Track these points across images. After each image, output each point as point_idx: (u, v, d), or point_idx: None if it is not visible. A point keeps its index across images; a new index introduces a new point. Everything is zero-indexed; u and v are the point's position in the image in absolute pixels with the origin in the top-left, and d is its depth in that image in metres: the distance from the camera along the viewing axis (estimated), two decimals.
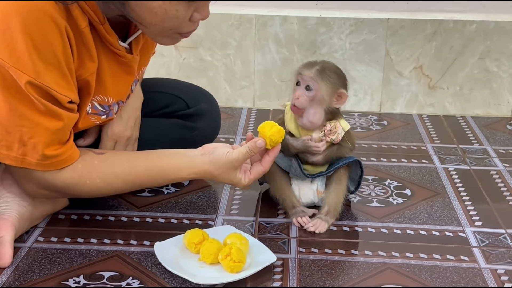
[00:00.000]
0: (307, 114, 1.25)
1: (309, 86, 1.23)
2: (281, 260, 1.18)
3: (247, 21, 1.94)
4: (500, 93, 1.97)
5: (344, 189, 1.32)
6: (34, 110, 1.07)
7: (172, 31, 1.11)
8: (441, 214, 1.36)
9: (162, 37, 1.13)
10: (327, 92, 1.24)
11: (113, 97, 1.22)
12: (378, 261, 1.19)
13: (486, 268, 1.17)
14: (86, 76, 1.13)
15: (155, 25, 1.09)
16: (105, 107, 1.22)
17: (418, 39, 1.93)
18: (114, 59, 1.17)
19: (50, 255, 1.17)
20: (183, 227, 1.27)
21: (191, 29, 1.13)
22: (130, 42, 1.20)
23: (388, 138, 1.80)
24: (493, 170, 1.59)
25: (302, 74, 1.24)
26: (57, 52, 1.05)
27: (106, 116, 1.23)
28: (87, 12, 1.08)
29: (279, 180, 1.33)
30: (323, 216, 1.28)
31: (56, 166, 1.14)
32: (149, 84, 1.47)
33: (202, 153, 1.23)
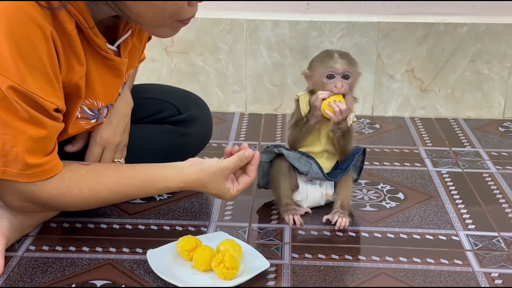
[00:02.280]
0: (346, 102, 1.27)
1: (347, 75, 1.27)
2: (274, 266, 1.17)
3: (238, 26, 1.94)
4: (492, 95, 1.97)
5: (351, 182, 1.37)
6: (17, 118, 1.04)
7: (172, 19, 1.09)
8: (434, 218, 1.36)
9: (162, 28, 1.11)
10: (358, 74, 1.30)
11: (102, 101, 1.20)
12: (372, 266, 1.18)
13: (480, 271, 1.17)
14: (76, 80, 1.12)
15: (155, 16, 1.07)
16: (94, 111, 1.20)
17: (409, 42, 1.93)
18: (102, 62, 1.16)
19: (42, 264, 1.16)
20: (176, 234, 1.26)
21: (191, 14, 1.11)
22: (119, 44, 1.19)
23: (380, 142, 1.80)
24: (485, 173, 1.59)
25: (335, 67, 1.26)
26: (43, 57, 1.03)
27: (95, 120, 1.22)
28: (74, 15, 1.06)
29: (283, 178, 1.34)
30: (340, 210, 1.32)
31: (39, 177, 1.11)
32: (140, 90, 1.46)
33: (190, 164, 1.23)
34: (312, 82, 1.30)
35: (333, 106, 1.24)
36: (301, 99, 1.32)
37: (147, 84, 1.55)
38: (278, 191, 1.35)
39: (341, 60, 1.27)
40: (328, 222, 1.32)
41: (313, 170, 1.31)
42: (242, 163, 1.23)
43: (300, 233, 1.30)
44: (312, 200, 1.37)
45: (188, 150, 1.48)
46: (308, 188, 1.36)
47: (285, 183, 1.35)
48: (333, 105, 1.24)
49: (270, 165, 1.37)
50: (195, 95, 1.54)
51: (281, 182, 1.35)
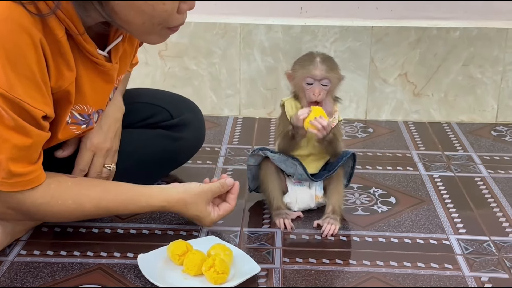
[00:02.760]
0: (325, 107, 1.29)
1: (325, 81, 1.28)
2: (265, 270, 1.17)
3: (232, 30, 1.95)
4: (485, 99, 1.98)
5: (342, 186, 1.37)
6: (2, 125, 1.04)
7: (161, 26, 1.10)
8: (425, 222, 1.36)
9: (151, 35, 1.12)
10: (338, 79, 1.31)
11: (92, 106, 1.21)
12: (363, 270, 1.19)
13: (470, 276, 1.17)
14: (66, 86, 1.12)
15: (144, 24, 1.08)
16: (85, 116, 1.20)
17: (402, 46, 1.93)
18: (92, 67, 1.16)
19: (33, 268, 1.16)
20: (167, 239, 1.26)
21: (180, 21, 1.12)
22: (110, 50, 1.19)
23: (373, 146, 1.80)
24: (477, 177, 1.60)
25: (314, 73, 1.27)
26: (32, 65, 1.04)
27: (86, 125, 1.22)
28: (64, 21, 1.06)
29: (271, 181, 1.35)
30: (331, 215, 1.32)
31: (22, 186, 1.10)
32: (132, 94, 1.46)
33: (174, 186, 1.27)
34: (293, 83, 1.32)
35: (315, 124, 1.25)
36: (286, 104, 1.33)
37: (139, 88, 1.55)
38: (268, 194, 1.36)
39: (321, 66, 1.27)
40: (319, 227, 1.32)
41: (297, 172, 1.32)
42: (223, 189, 1.28)
43: (292, 237, 1.30)
44: (302, 202, 1.37)
45: (180, 155, 1.48)
46: (297, 190, 1.37)
47: (275, 185, 1.35)
48: (315, 123, 1.25)
49: (258, 168, 1.37)
50: (187, 99, 1.54)
51: (270, 185, 1.35)
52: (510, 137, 1.88)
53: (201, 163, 1.65)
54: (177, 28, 1.13)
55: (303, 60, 1.31)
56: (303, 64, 1.29)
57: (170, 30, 1.12)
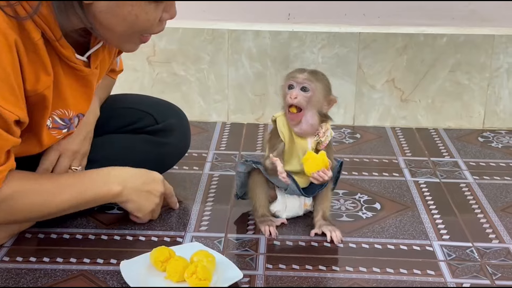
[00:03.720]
0: (306, 118, 1.27)
1: (305, 87, 1.26)
2: (248, 276, 1.17)
3: (220, 36, 1.95)
4: (472, 105, 1.99)
5: (331, 193, 1.37)
6: None
7: (139, 34, 1.11)
8: (409, 228, 1.37)
9: (129, 43, 1.13)
10: (322, 93, 1.27)
11: (73, 110, 1.20)
12: (345, 276, 1.19)
13: (452, 282, 1.17)
14: (42, 90, 1.11)
15: (125, 32, 1.09)
16: (65, 121, 1.20)
17: (389, 52, 1.94)
18: (71, 72, 1.16)
19: (15, 275, 1.16)
20: (151, 245, 1.26)
21: (160, 29, 1.13)
22: (89, 55, 1.18)
23: (360, 152, 1.81)
24: (462, 183, 1.60)
25: (296, 77, 1.26)
26: (5, 66, 1.03)
27: (67, 129, 1.22)
28: (40, 26, 1.06)
29: (260, 189, 1.35)
30: (323, 221, 1.33)
31: None
32: (117, 100, 1.46)
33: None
34: (282, 95, 1.31)
35: (317, 178, 1.25)
36: (278, 121, 1.31)
37: (124, 94, 1.55)
38: (255, 202, 1.36)
39: (306, 73, 1.27)
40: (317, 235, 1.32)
41: (290, 188, 1.32)
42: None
43: (276, 244, 1.30)
44: (291, 210, 1.37)
45: (166, 160, 1.48)
46: (286, 199, 1.37)
47: (262, 194, 1.35)
48: (316, 176, 1.25)
49: (247, 175, 1.37)
50: (172, 104, 1.54)
51: (258, 193, 1.35)
52: (497, 143, 1.88)
53: (188, 168, 1.65)
54: (149, 37, 1.14)
55: (294, 70, 1.30)
56: (291, 73, 1.29)
57: (144, 38, 1.13)
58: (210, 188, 1.55)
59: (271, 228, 1.33)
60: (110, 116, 1.41)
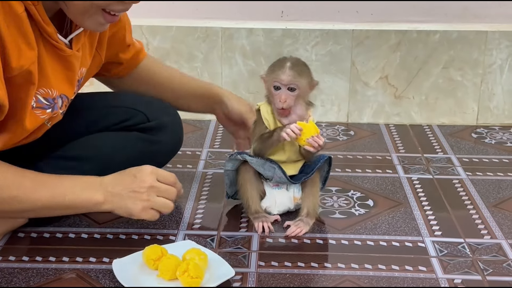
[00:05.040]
0: (294, 110, 1.28)
1: (292, 87, 1.27)
2: (240, 274, 1.18)
3: (213, 34, 1.95)
4: (465, 102, 1.99)
5: (318, 189, 1.37)
6: None
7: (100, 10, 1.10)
8: (401, 225, 1.37)
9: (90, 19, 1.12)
10: (307, 85, 1.29)
11: (56, 90, 1.20)
12: (337, 273, 1.19)
13: (443, 278, 1.18)
14: (28, 66, 1.10)
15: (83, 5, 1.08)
16: (49, 100, 1.19)
17: (383, 49, 1.95)
18: (53, 51, 1.15)
19: (7, 274, 1.16)
20: (144, 243, 1.26)
21: (121, 8, 1.12)
22: (71, 39, 1.19)
23: (354, 149, 1.81)
24: (455, 179, 1.61)
25: (280, 79, 1.26)
26: None
27: (51, 109, 1.21)
28: None
29: (250, 185, 1.35)
30: (304, 218, 1.33)
31: None
32: (109, 98, 1.47)
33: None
34: (266, 87, 1.32)
35: (313, 143, 1.26)
36: (262, 108, 1.33)
37: (117, 92, 1.55)
38: (247, 198, 1.36)
39: (289, 72, 1.26)
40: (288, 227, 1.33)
41: (276, 175, 1.33)
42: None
43: (268, 241, 1.30)
44: (281, 204, 1.37)
45: (158, 158, 1.48)
46: (275, 194, 1.37)
47: (253, 190, 1.35)
48: (312, 142, 1.26)
49: (236, 173, 1.37)
50: (165, 102, 1.54)
51: (249, 189, 1.35)
52: (490, 139, 1.89)
53: (182, 167, 1.65)
54: (115, 18, 1.13)
55: (275, 64, 1.30)
56: (273, 69, 1.29)
57: (109, 17, 1.12)
58: (203, 186, 1.55)
59: (265, 224, 1.33)
60: (102, 114, 1.41)
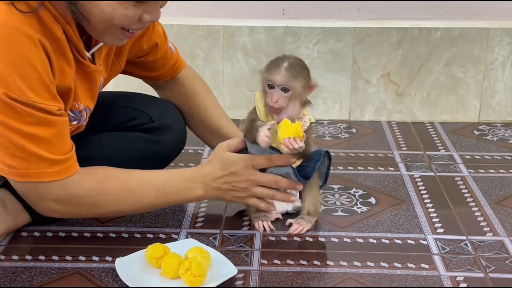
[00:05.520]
0: (286, 110, 1.25)
1: (286, 88, 1.23)
2: (243, 272, 1.18)
3: (214, 32, 1.95)
4: (467, 99, 1.99)
5: (317, 187, 1.34)
6: (23, 122, 1.08)
7: (119, 28, 1.13)
8: (404, 222, 1.37)
9: (107, 36, 1.15)
10: (302, 87, 1.24)
11: (82, 103, 1.24)
12: (339, 271, 1.19)
13: (446, 275, 1.18)
14: (69, 83, 1.15)
15: (103, 24, 1.11)
16: (76, 113, 1.23)
17: (384, 47, 1.94)
18: (78, 67, 1.19)
19: (10, 273, 1.17)
20: (146, 242, 1.27)
21: (139, 27, 1.15)
22: (93, 53, 1.22)
23: (356, 146, 1.81)
24: (457, 176, 1.61)
25: (274, 79, 1.22)
26: (36, 66, 1.07)
27: (77, 122, 1.25)
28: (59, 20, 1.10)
29: None
30: (305, 216, 1.33)
31: (64, 174, 1.14)
32: (113, 98, 1.47)
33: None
34: (261, 83, 1.27)
35: (287, 144, 1.20)
36: (256, 99, 1.29)
37: (121, 92, 1.56)
38: None
39: (284, 73, 1.21)
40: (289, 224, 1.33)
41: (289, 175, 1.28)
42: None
43: (271, 239, 1.31)
44: (279, 205, 1.34)
45: (160, 158, 1.48)
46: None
47: None
48: (286, 142, 1.20)
49: None
50: (169, 103, 1.54)
51: None
52: (492, 136, 1.89)
53: (184, 165, 1.65)
54: (134, 34, 1.16)
55: (272, 62, 1.25)
56: (269, 67, 1.24)
57: (128, 34, 1.15)
58: None
59: (265, 223, 1.33)
60: (107, 114, 1.41)
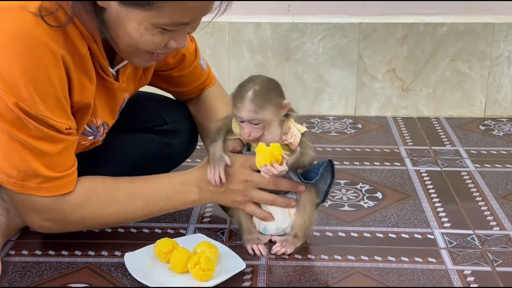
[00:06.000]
0: (264, 138, 1.17)
1: (255, 121, 1.14)
2: (251, 267, 1.19)
3: (220, 29, 1.96)
4: (473, 94, 1.99)
5: (313, 211, 1.24)
6: (30, 136, 1.07)
7: (144, 52, 1.12)
8: (410, 217, 1.38)
9: (136, 58, 1.15)
10: (273, 113, 1.15)
11: (100, 119, 1.22)
12: (347, 265, 1.20)
13: (453, 269, 1.18)
14: (88, 99, 1.14)
15: (129, 46, 1.10)
16: (93, 128, 1.22)
17: (390, 42, 1.95)
18: (101, 83, 1.17)
19: (21, 268, 1.18)
20: (155, 237, 1.27)
21: (165, 52, 1.14)
22: (118, 70, 1.21)
23: (362, 142, 1.81)
24: (464, 171, 1.61)
25: (241, 116, 1.14)
26: (54, 82, 1.06)
27: (93, 137, 1.23)
28: (87, 37, 1.09)
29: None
30: (290, 238, 1.23)
31: (58, 191, 1.12)
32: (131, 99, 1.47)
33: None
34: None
35: (266, 172, 1.14)
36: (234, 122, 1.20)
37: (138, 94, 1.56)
38: (239, 217, 1.25)
39: (249, 106, 1.12)
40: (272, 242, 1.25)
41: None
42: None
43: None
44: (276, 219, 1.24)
45: (171, 160, 1.49)
46: (269, 208, 1.23)
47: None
48: (265, 170, 1.13)
49: None
50: (182, 105, 1.52)
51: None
52: (498, 131, 1.89)
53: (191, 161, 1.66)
54: (161, 57, 1.15)
55: (236, 94, 1.15)
56: (234, 101, 1.15)
57: (154, 57, 1.14)
58: None
59: (260, 246, 1.23)
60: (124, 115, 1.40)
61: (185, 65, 1.39)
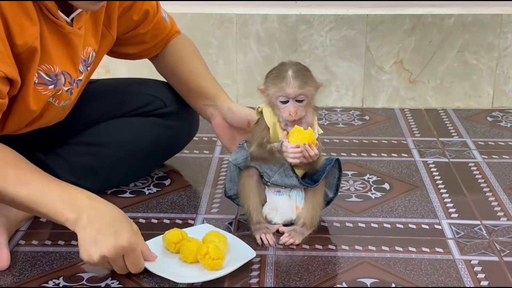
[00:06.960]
0: (305, 119, 1.21)
1: (301, 96, 1.18)
2: (259, 257, 1.19)
3: (227, 21, 1.96)
4: (480, 85, 1.99)
5: (320, 200, 1.26)
6: None
7: None
8: (418, 207, 1.38)
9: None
10: (314, 91, 1.21)
11: (58, 66, 1.20)
12: (355, 255, 1.21)
13: (460, 259, 1.19)
14: (32, 42, 1.11)
15: None
16: (51, 76, 1.19)
17: (397, 34, 1.95)
18: (54, 29, 1.16)
19: (31, 258, 1.19)
20: (163, 227, 1.29)
21: None
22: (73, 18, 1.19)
23: (369, 133, 1.82)
24: (471, 162, 1.61)
25: (287, 92, 1.17)
26: None
27: (53, 86, 1.20)
28: None
29: (252, 192, 1.26)
30: (298, 228, 1.25)
31: None
32: (125, 84, 1.48)
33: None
34: (267, 99, 1.21)
35: (304, 150, 1.16)
36: (265, 111, 1.22)
37: (133, 78, 1.57)
38: (248, 207, 1.26)
39: (294, 82, 1.16)
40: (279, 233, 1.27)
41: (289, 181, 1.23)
42: None
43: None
44: (283, 212, 1.27)
45: (174, 143, 1.50)
46: (276, 200, 1.27)
47: (255, 197, 1.26)
48: (304, 148, 1.16)
49: (238, 175, 1.28)
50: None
51: (251, 198, 1.26)
52: (506, 122, 1.89)
53: (198, 152, 1.67)
54: None
55: (275, 75, 1.19)
56: (275, 82, 1.18)
57: None
58: (220, 171, 1.57)
59: (268, 236, 1.24)
60: (120, 101, 1.43)
61: (148, 20, 1.40)
